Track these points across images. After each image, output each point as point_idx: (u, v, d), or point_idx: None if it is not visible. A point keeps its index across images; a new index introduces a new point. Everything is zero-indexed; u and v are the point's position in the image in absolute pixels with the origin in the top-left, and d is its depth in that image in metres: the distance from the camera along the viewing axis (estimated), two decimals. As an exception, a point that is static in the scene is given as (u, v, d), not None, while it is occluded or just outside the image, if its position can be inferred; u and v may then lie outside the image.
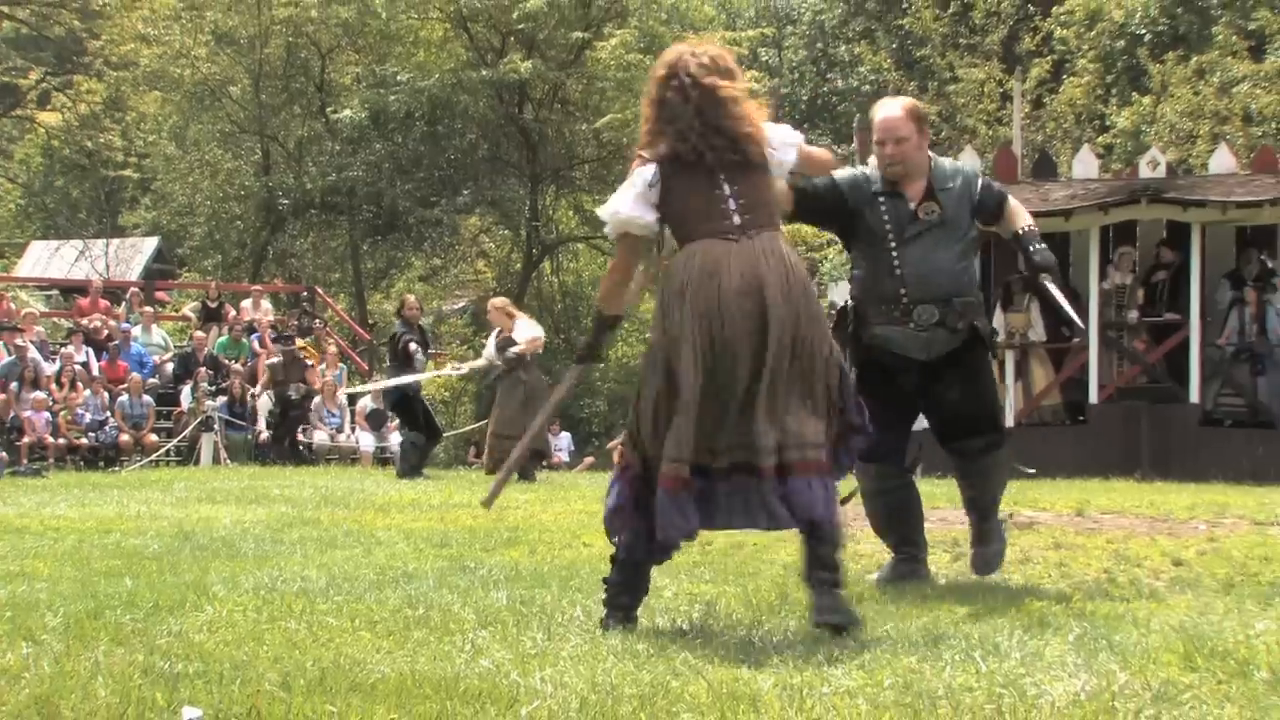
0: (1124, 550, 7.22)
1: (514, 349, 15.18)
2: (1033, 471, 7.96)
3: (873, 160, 6.30)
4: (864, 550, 7.12)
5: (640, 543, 4.97)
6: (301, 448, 20.38)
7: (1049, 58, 33.06)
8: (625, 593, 5.00)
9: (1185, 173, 18.63)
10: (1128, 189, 16.15)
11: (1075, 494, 11.04)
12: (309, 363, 21.06)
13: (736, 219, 4.96)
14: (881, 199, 6.10)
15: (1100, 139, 28.12)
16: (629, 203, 5.12)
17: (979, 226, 6.33)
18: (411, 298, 18.43)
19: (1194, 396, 16.07)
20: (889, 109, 6.22)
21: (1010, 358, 16.45)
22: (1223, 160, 17.65)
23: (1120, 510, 9.75)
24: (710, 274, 4.84)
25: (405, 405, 16.03)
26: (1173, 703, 3.73)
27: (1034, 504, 10.09)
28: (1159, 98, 29.28)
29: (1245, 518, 9.05)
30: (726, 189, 5.01)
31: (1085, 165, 17.68)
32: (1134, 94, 30.69)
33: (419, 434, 15.72)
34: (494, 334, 16.20)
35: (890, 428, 6.07)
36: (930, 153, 6.26)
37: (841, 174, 6.23)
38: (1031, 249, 6.16)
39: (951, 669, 4.12)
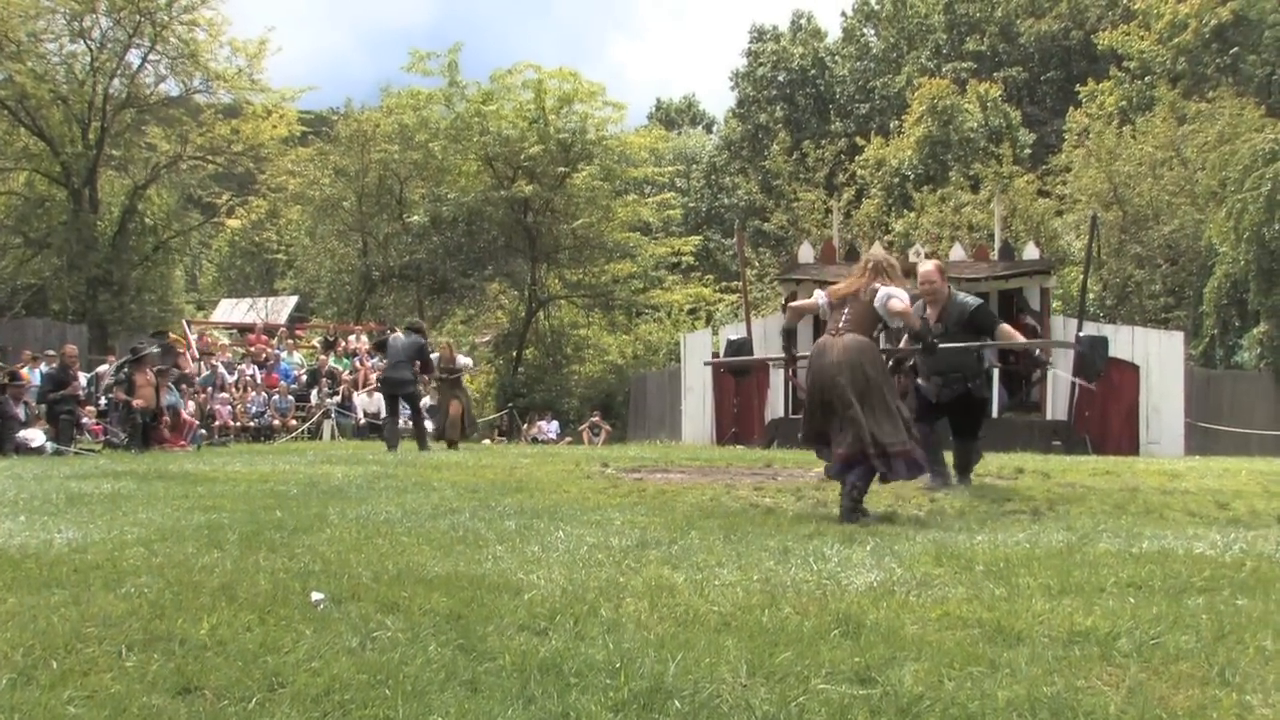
0: (900, 493, 7.25)
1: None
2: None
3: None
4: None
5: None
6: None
7: (854, 187, 33.81)
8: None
9: (936, 259, 18.99)
10: (902, 268, 16.39)
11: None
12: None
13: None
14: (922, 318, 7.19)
15: (886, 237, 28.60)
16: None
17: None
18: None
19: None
20: (925, 266, 7.76)
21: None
22: (957, 252, 18.53)
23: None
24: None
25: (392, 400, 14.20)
26: (928, 586, 3.80)
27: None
28: (919, 213, 29.94)
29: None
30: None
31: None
32: (905, 210, 31.35)
33: (392, 419, 14.11)
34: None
35: (927, 412, 7.61)
36: (950, 288, 7.68)
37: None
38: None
39: (796, 569, 4.14)
